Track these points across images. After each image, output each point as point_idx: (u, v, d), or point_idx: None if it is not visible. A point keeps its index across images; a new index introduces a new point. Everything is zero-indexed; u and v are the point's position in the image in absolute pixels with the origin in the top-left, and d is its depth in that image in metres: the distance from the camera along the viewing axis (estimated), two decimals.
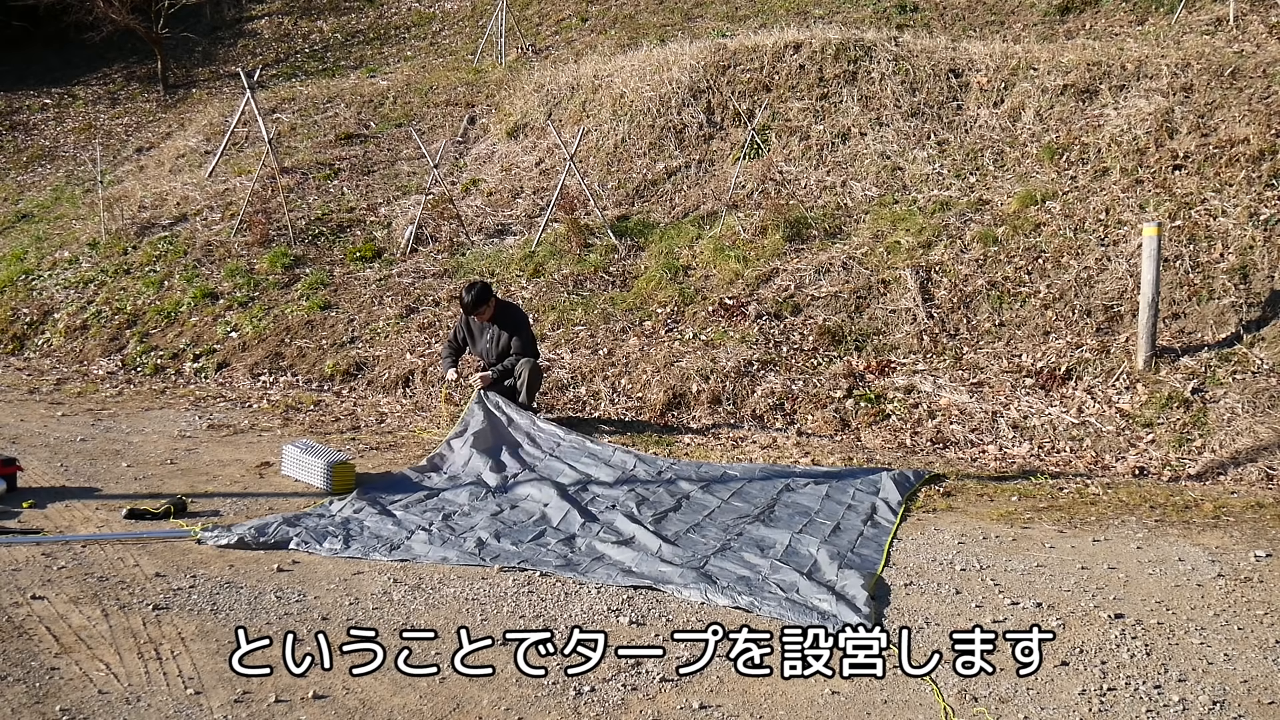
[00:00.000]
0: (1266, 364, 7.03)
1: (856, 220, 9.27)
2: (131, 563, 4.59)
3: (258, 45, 18.58)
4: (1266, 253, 7.72)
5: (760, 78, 10.92)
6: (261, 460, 6.45)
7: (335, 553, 4.80)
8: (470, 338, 7.64)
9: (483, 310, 7.38)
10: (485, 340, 7.50)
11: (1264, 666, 3.78)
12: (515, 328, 7.43)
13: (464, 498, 5.66)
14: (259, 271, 10.08)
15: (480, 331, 7.53)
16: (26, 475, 5.83)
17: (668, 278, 8.98)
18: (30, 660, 3.65)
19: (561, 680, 3.59)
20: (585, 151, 10.92)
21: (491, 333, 7.48)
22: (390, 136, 12.75)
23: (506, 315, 7.51)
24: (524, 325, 7.55)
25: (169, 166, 13.32)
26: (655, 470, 6.24)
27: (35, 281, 10.75)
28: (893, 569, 4.74)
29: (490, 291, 7.48)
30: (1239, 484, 6.17)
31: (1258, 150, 8.40)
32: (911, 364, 7.74)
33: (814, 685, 3.58)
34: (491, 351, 7.44)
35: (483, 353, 7.53)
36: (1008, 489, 6.02)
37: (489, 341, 7.48)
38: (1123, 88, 9.56)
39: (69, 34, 18.17)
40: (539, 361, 7.44)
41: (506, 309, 7.59)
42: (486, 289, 7.44)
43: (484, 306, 7.38)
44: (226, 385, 8.65)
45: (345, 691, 3.49)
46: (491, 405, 7.01)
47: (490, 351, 7.45)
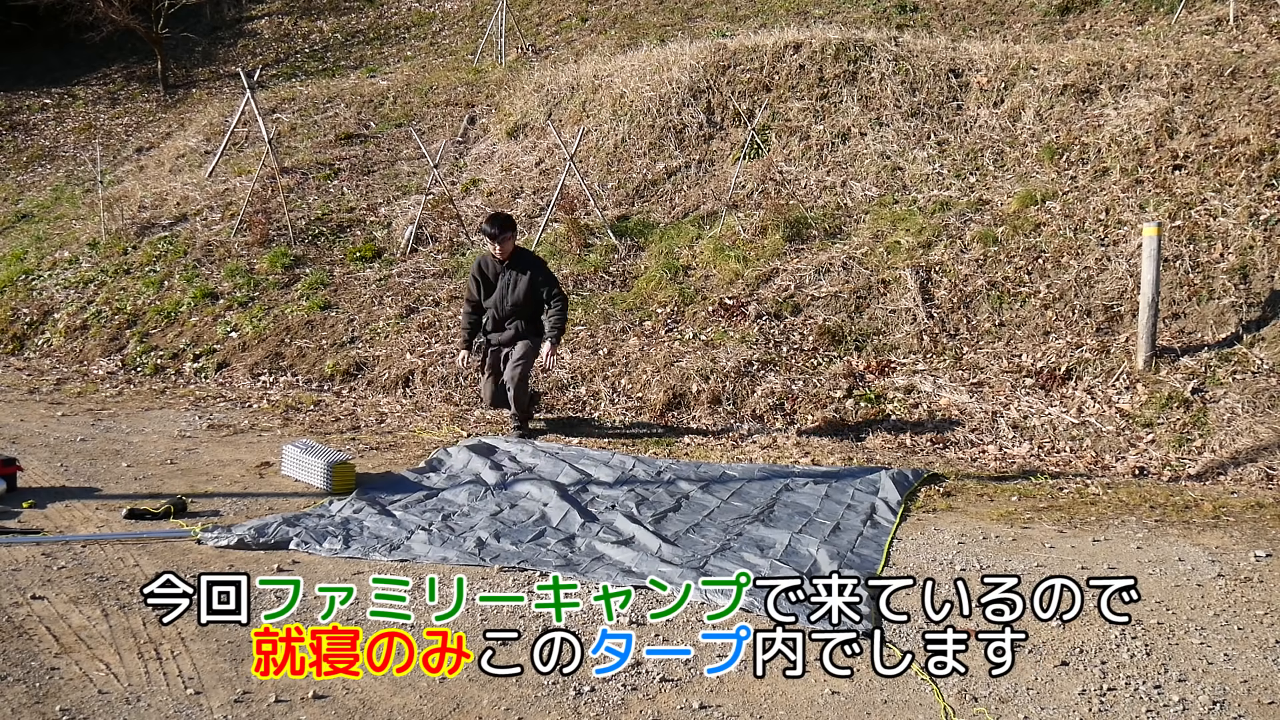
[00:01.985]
0: (1266, 364, 7.03)
1: (856, 220, 9.28)
2: (131, 563, 4.59)
3: (258, 45, 18.58)
4: (1266, 253, 7.72)
5: (760, 78, 10.92)
6: (261, 460, 6.45)
7: (335, 553, 4.80)
8: (483, 284, 7.01)
9: (507, 239, 6.81)
10: (501, 285, 6.89)
11: (1264, 666, 3.78)
12: (534, 267, 6.89)
13: (463, 498, 5.67)
14: (259, 271, 10.08)
15: (496, 276, 6.95)
16: (26, 475, 5.83)
17: (668, 278, 8.98)
18: (30, 660, 3.65)
19: (561, 680, 3.59)
20: (585, 151, 10.92)
21: (509, 277, 6.90)
22: (390, 136, 12.75)
23: (524, 258, 6.97)
24: (543, 265, 7.03)
25: (169, 166, 13.32)
26: (655, 470, 6.24)
27: (35, 281, 10.76)
28: (892, 569, 4.74)
29: (514, 222, 6.94)
30: (1239, 484, 6.17)
31: (1258, 150, 8.40)
32: (911, 364, 7.74)
33: (814, 685, 3.58)
34: (506, 300, 6.89)
35: (496, 303, 6.95)
36: (1008, 489, 6.02)
37: (505, 286, 6.89)
38: (1123, 88, 9.56)
39: (69, 34, 18.17)
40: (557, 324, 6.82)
41: (525, 253, 7.10)
42: (510, 218, 6.92)
43: (509, 234, 6.81)
44: (226, 385, 8.65)
45: (345, 691, 3.49)
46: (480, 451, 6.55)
47: (505, 300, 6.90)
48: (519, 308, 6.95)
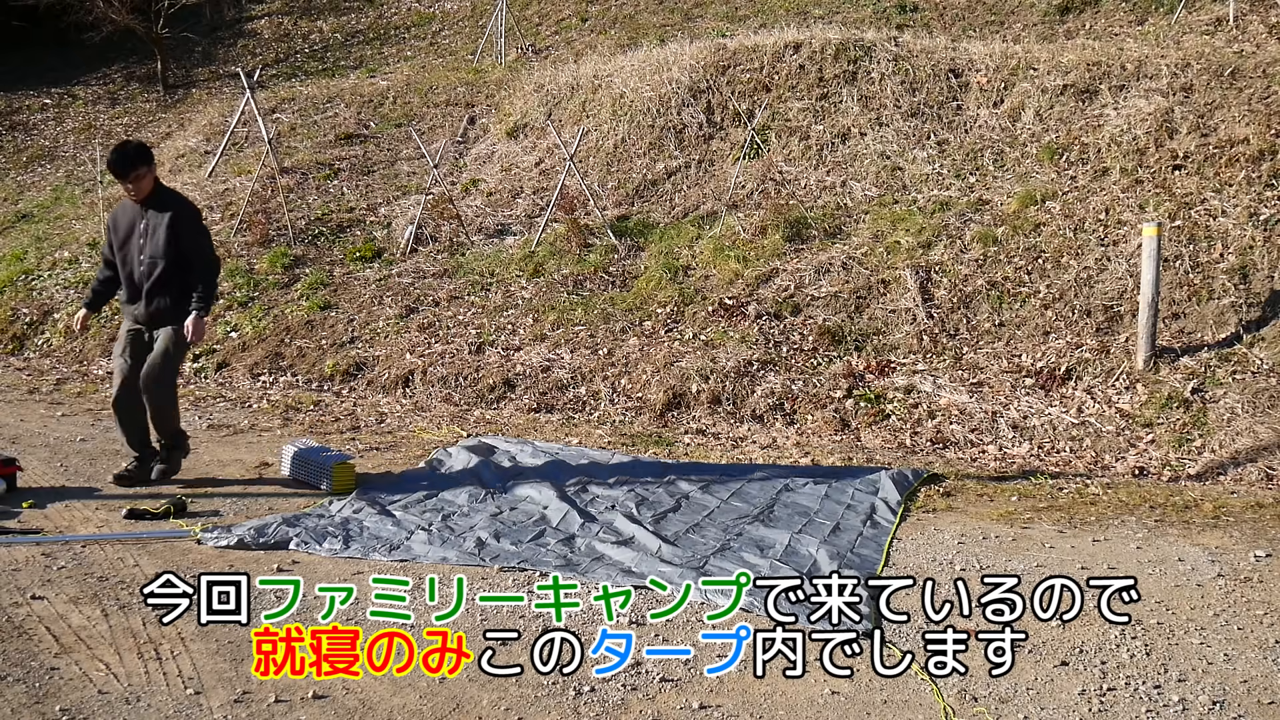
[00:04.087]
0: (1266, 364, 7.03)
1: (856, 220, 9.28)
2: (131, 563, 4.59)
3: (258, 45, 18.58)
4: (1266, 253, 7.72)
5: (760, 78, 10.92)
6: (261, 460, 6.45)
7: (335, 553, 4.80)
8: (113, 235, 5.47)
9: (140, 175, 5.27)
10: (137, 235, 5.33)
11: (1264, 666, 3.78)
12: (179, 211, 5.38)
13: (463, 498, 5.66)
14: (259, 271, 10.08)
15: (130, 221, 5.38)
16: (26, 475, 5.83)
17: (668, 278, 8.98)
18: (30, 660, 3.65)
19: (561, 680, 3.59)
20: (585, 151, 10.92)
21: (147, 222, 5.33)
22: (390, 136, 12.75)
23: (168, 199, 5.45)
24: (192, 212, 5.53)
25: (169, 166, 13.31)
26: (655, 470, 6.24)
27: (35, 281, 10.76)
28: (892, 569, 4.74)
29: (151, 154, 5.38)
30: (1239, 484, 6.17)
31: (1258, 150, 8.40)
32: (911, 364, 7.74)
33: (814, 685, 3.58)
34: (143, 253, 5.33)
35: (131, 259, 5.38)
36: (1008, 489, 6.02)
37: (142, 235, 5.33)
38: (1123, 88, 9.55)
39: (69, 34, 18.17)
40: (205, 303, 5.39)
41: (171, 194, 5.56)
42: (145, 147, 5.39)
43: (142, 168, 5.27)
44: (226, 385, 8.65)
45: (345, 691, 3.49)
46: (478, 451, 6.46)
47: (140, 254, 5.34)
48: (159, 267, 5.38)
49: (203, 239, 5.54)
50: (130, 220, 5.45)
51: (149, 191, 5.39)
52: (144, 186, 5.35)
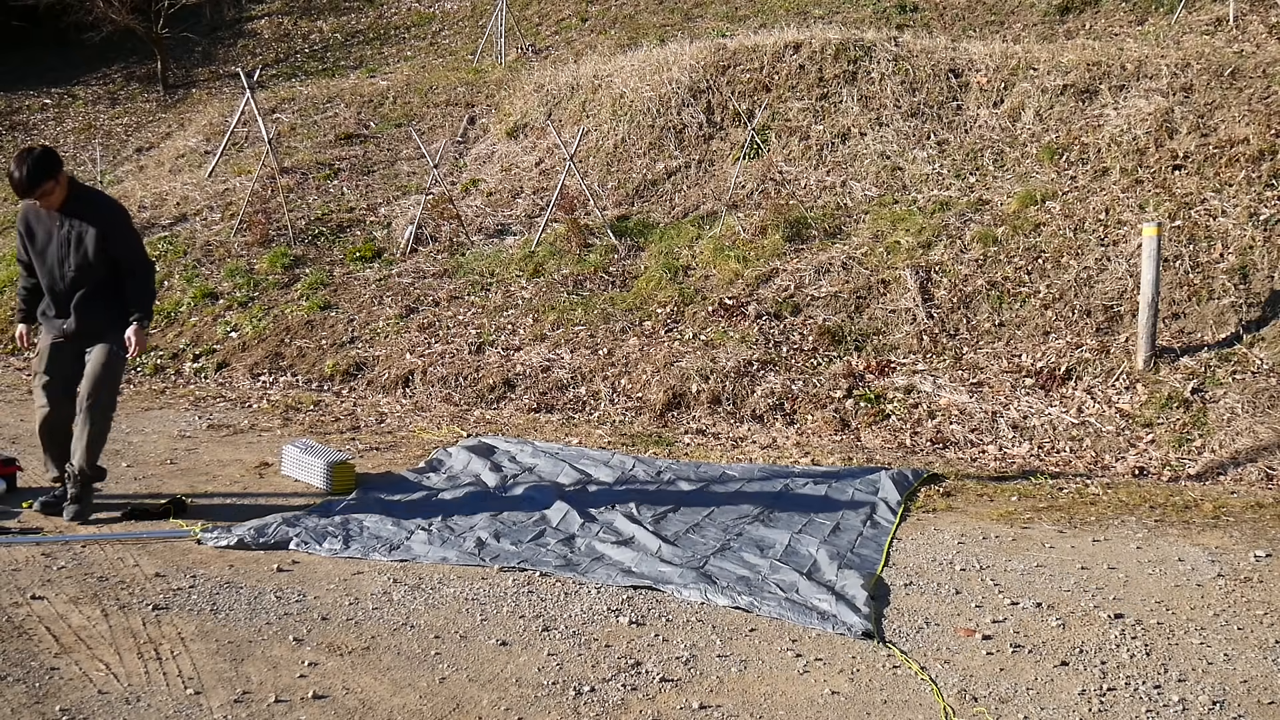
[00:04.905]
0: (1266, 364, 7.03)
1: (856, 220, 9.28)
2: (131, 563, 4.59)
3: (258, 45, 18.58)
4: (1266, 253, 7.72)
5: (760, 78, 10.92)
6: (261, 460, 6.45)
7: (335, 553, 4.80)
8: (28, 242, 5.00)
9: (48, 189, 4.79)
10: (58, 243, 4.91)
11: (1264, 666, 3.78)
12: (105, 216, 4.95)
13: (463, 498, 5.66)
14: (259, 271, 10.08)
15: (50, 233, 4.93)
16: (26, 475, 5.83)
17: (667, 278, 8.98)
18: (30, 660, 3.65)
19: (561, 680, 3.59)
20: (585, 151, 10.92)
21: (68, 230, 4.90)
22: (390, 136, 12.75)
23: (89, 203, 5.00)
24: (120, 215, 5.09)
25: (169, 166, 13.32)
26: (654, 470, 6.24)
27: None
28: (892, 569, 4.74)
29: (58, 161, 4.85)
30: (1239, 484, 6.17)
31: (1258, 150, 8.40)
32: (911, 364, 7.74)
33: (814, 685, 3.58)
34: (67, 264, 4.92)
35: (52, 270, 4.95)
36: (1008, 489, 6.02)
37: (64, 245, 4.91)
38: (1123, 88, 9.56)
39: (69, 34, 18.17)
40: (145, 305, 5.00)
41: (91, 195, 5.13)
42: (51, 154, 4.82)
43: (48, 183, 4.78)
44: (226, 385, 8.65)
45: (345, 691, 3.49)
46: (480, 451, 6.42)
47: (65, 265, 4.93)
48: (88, 278, 4.97)
49: (134, 241, 5.10)
50: (48, 227, 4.97)
51: (64, 198, 4.90)
52: (55, 198, 4.86)
